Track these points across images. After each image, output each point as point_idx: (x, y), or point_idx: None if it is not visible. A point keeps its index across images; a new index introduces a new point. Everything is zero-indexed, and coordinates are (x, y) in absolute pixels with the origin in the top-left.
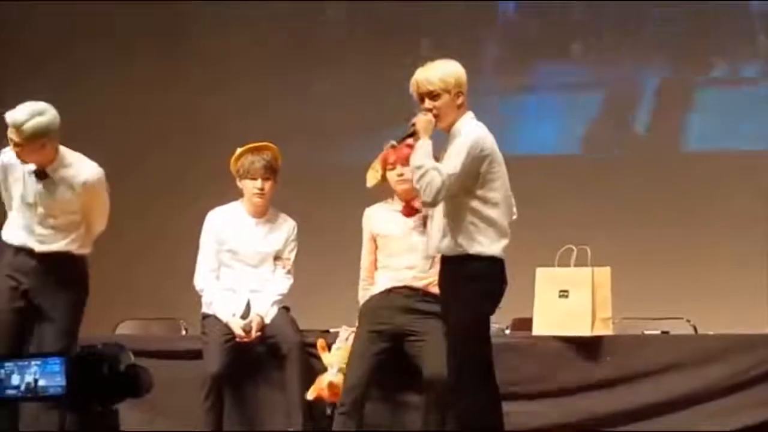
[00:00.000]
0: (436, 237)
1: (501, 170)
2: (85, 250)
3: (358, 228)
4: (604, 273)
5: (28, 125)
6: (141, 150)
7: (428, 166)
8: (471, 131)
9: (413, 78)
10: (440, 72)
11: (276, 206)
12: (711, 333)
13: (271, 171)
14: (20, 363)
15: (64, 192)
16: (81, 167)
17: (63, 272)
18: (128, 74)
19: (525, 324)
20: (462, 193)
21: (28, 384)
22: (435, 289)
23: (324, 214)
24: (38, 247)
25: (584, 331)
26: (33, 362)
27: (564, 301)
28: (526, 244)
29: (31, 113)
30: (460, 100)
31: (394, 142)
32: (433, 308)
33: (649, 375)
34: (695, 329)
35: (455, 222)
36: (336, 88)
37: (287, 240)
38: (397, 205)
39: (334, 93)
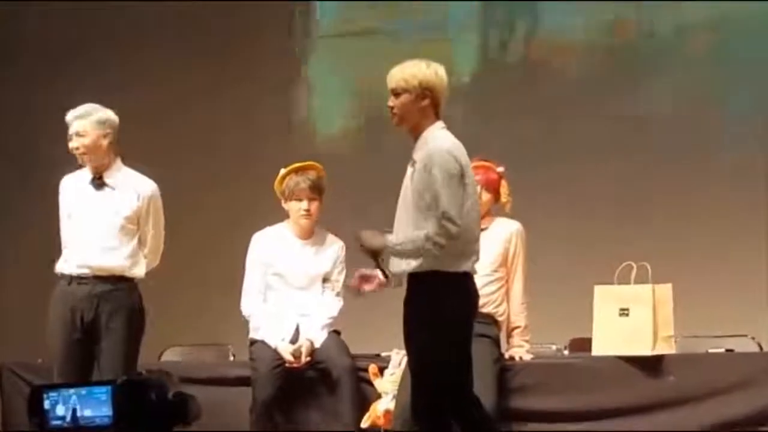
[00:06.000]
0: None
1: (470, 185)
2: (138, 272)
3: None
4: (665, 290)
5: (92, 113)
6: (184, 166)
7: (408, 245)
8: (437, 144)
9: None
10: (408, 71)
11: (322, 224)
12: None
13: (316, 191)
14: (65, 392)
15: (125, 199)
16: (142, 178)
17: (118, 298)
18: (167, 85)
19: (584, 344)
20: (430, 207)
21: (74, 413)
22: (488, 309)
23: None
24: (93, 263)
25: (645, 350)
26: (78, 391)
27: (624, 320)
28: (583, 261)
29: (92, 106)
30: (424, 103)
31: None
32: (481, 330)
33: (714, 395)
34: (760, 347)
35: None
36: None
37: (335, 261)
38: None
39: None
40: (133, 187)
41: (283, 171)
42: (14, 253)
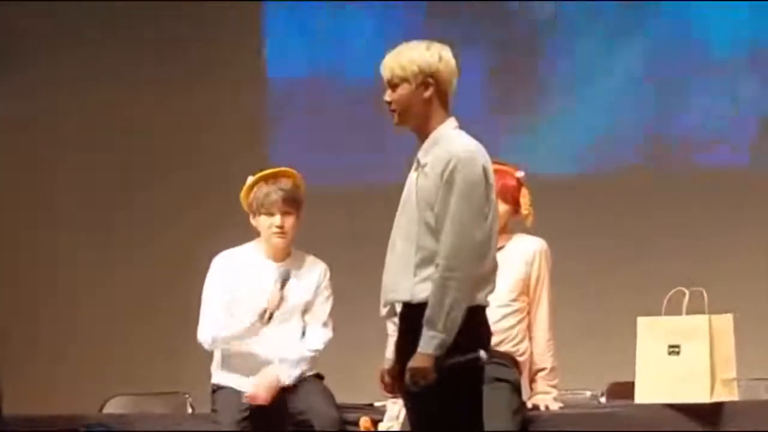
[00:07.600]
0: (403, 279)
1: (492, 197)
2: None
3: None
4: (725, 321)
5: None
6: (135, 190)
7: (442, 313)
8: (456, 145)
9: None
10: (404, 56)
11: (301, 245)
12: None
13: (292, 203)
14: None
15: None
16: None
17: None
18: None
19: (625, 390)
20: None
21: None
22: (506, 348)
23: (362, 253)
24: None
25: (702, 396)
26: None
27: (675, 359)
28: (624, 287)
29: None
30: (427, 93)
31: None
32: (497, 373)
33: None
34: None
35: (427, 263)
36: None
37: (318, 288)
38: None
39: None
40: None
41: (250, 179)
42: None
